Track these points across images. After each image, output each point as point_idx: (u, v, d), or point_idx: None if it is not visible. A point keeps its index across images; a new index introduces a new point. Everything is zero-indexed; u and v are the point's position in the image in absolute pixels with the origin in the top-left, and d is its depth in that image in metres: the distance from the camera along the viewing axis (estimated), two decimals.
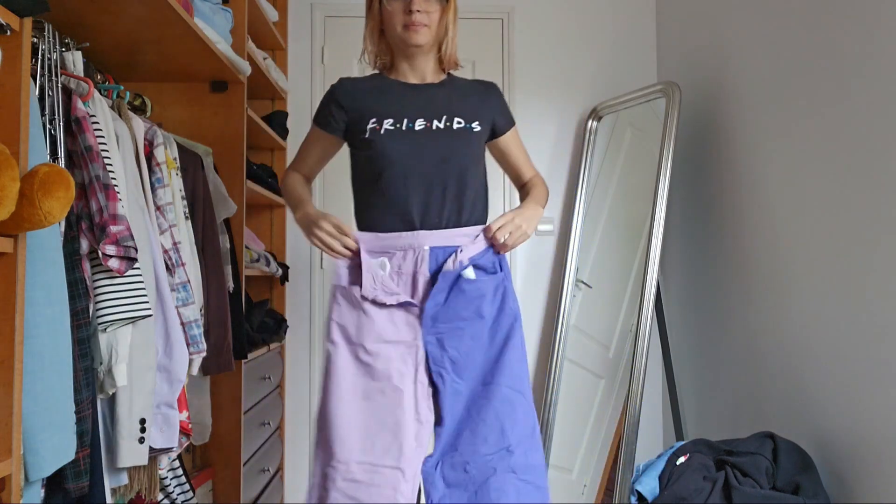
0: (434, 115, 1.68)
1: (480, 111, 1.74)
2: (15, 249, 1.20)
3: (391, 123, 1.67)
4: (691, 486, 1.98)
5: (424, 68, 1.75)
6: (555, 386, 3.02)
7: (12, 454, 1.18)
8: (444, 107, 1.70)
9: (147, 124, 1.85)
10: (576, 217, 3.13)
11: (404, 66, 1.75)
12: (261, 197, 2.79)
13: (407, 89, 1.73)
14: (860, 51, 1.92)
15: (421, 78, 1.75)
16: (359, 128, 1.70)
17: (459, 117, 1.69)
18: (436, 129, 1.67)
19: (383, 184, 1.66)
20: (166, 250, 1.80)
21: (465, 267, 1.65)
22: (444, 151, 1.67)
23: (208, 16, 2.10)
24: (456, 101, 1.72)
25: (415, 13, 1.64)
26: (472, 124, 1.70)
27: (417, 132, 1.66)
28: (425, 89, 1.73)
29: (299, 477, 3.15)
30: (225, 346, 2.09)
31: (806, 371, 2.15)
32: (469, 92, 1.76)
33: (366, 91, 1.74)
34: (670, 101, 2.73)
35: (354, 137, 1.73)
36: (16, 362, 1.19)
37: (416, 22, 1.65)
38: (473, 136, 1.70)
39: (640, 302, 2.61)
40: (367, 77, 1.80)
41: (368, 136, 1.67)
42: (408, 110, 1.68)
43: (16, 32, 1.22)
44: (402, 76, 1.76)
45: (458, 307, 1.64)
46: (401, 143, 1.65)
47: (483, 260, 1.68)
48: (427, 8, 1.65)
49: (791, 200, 2.23)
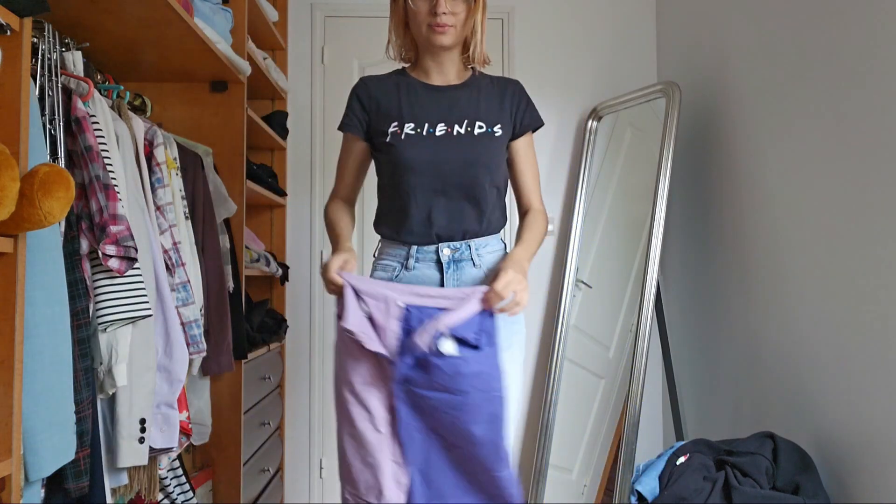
0: (455, 121, 1.66)
1: (502, 113, 1.71)
2: (15, 249, 1.20)
3: (412, 128, 1.65)
4: (691, 486, 1.98)
5: (449, 67, 1.72)
6: (555, 386, 3.02)
7: (12, 454, 1.18)
8: (466, 111, 1.68)
9: (147, 124, 1.85)
10: (576, 217, 3.13)
11: (429, 63, 1.72)
12: (261, 197, 2.79)
13: (429, 92, 1.71)
14: (860, 51, 1.92)
15: (444, 78, 1.73)
16: (380, 129, 1.68)
17: (481, 121, 1.67)
18: (457, 135, 1.65)
19: (403, 190, 1.66)
20: (166, 250, 1.80)
21: (439, 337, 1.48)
22: (465, 157, 1.65)
23: (208, 16, 2.10)
24: (478, 103, 1.70)
25: (440, 15, 1.60)
26: (493, 128, 1.68)
27: (438, 138, 1.65)
28: (448, 92, 1.71)
29: (299, 477, 3.15)
30: (225, 346, 2.09)
31: (806, 371, 2.14)
32: (492, 93, 1.73)
33: (388, 91, 1.71)
34: (670, 101, 2.73)
35: (376, 139, 1.71)
36: (16, 362, 1.19)
37: (441, 23, 1.61)
38: (495, 140, 1.68)
39: (640, 302, 2.61)
40: (389, 75, 1.77)
41: (389, 139, 1.66)
42: (429, 115, 1.66)
43: (16, 32, 1.22)
44: (426, 75, 1.73)
45: (433, 379, 1.49)
46: (421, 149, 1.64)
47: (463, 329, 1.50)
48: (454, 9, 1.62)
49: (791, 200, 2.23)
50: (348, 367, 1.57)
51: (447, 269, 1.65)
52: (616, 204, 3.09)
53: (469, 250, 1.67)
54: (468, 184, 1.65)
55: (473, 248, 1.67)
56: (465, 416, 1.51)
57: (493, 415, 1.52)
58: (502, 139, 1.70)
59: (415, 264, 1.66)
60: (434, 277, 1.66)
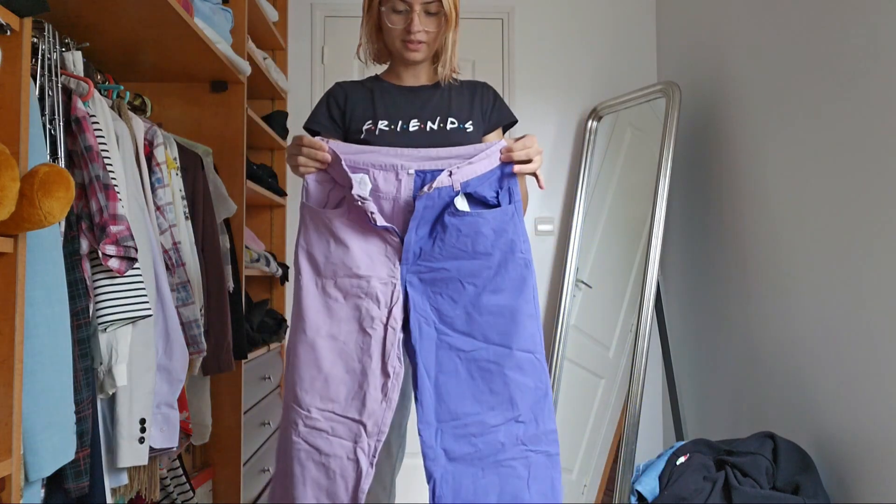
0: (428, 117, 1.69)
1: (473, 112, 1.74)
2: (15, 249, 1.20)
3: (386, 125, 1.68)
4: (691, 486, 1.98)
5: (421, 72, 1.76)
6: (555, 386, 3.02)
7: (12, 454, 1.18)
8: (438, 108, 1.71)
9: (147, 124, 1.85)
10: (576, 217, 3.13)
11: (401, 69, 1.76)
12: (261, 197, 2.79)
13: (402, 92, 1.74)
14: (860, 50, 1.92)
15: (416, 80, 1.76)
16: (355, 128, 1.71)
17: (453, 118, 1.70)
18: (430, 131, 1.68)
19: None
20: (166, 250, 1.80)
21: (455, 195, 1.44)
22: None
23: (208, 16, 2.10)
24: (450, 102, 1.73)
25: (414, 32, 1.64)
26: (465, 124, 1.70)
27: (412, 133, 1.67)
28: (420, 91, 1.74)
29: None
30: (225, 346, 2.09)
31: (806, 371, 2.14)
32: (462, 93, 1.76)
33: (362, 93, 1.74)
34: (670, 101, 2.73)
35: (350, 138, 1.73)
36: (16, 362, 1.19)
37: (414, 41, 1.65)
38: (467, 135, 1.70)
39: (640, 302, 2.61)
40: (363, 80, 1.81)
41: (364, 136, 1.68)
42: (402, 112, 1.69)
43: (16, 32, 1.22)
44: (398, 78, 1.77)
45: (449, 244, 1.44)
46: (395, 143, 1.65)
47: (482, 187, 1.47)
48: (427, 27, 1.65)
49: (791, 200, 2.23)
50: (331, 257, 1.47)
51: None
52: (616, 204, 3.09)
53: None
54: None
55: None
56: (490, 285, 1.44)
57: (521, 279, 1.44)
58: (474, 135, 1.72)
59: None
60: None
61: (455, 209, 1.45)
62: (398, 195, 1.48)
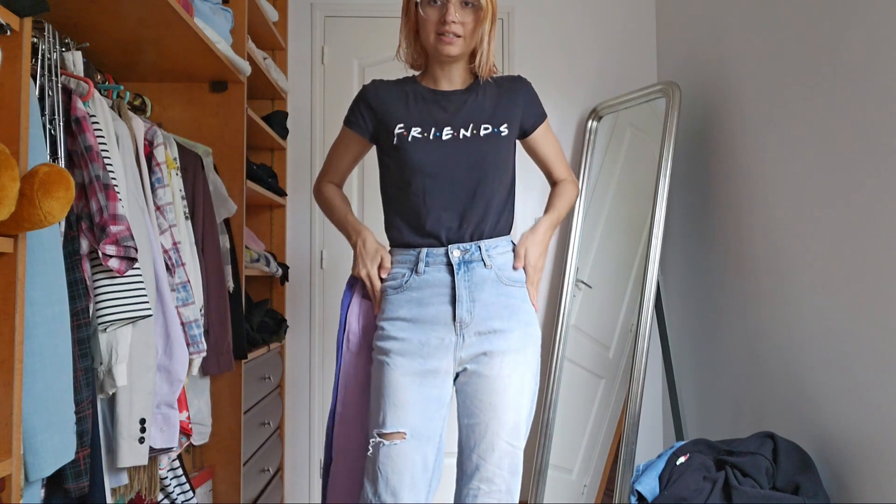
0: (462, 124, 1.68)
1: (508, 113, 1.72)
2: (15, 249, 1.20)
3: (419, 132, 1.67)
4: (691, 486, 1.98)
5: (456, 75, 1.74)
6: (555, 386, 3.02)
7: (12, 454, 1.18)
8: (472, 114, 1.69)
9: (147, 124, 1.85)
10: (576, 217, 3.13)
11: (437, 71, 1.74)
12: (261, 197, 2.79)
13: (436, 96, 1.72)
14: (860, 50, 1.92)
15: (451, 85, 1.74)
16: (386, 130, 1.70)
17: (487, 123, 1.69)
18: (463, 138, 1.67)
19: (412, 193, 1.66)
20: (166, 250, 1.80)
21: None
22: (471, 160, 1.66)
23: (208, 16, 2.10)
24: (483, 105, 1.71)
25: (449, 24, 1.62)
26: (499, 128, 1.69)
27: (445, 142, 1.66)
28: (454, 96, 1.72)
29: (299, 477, 3.15)
30: (225, 346, 2.09)
31: (806, 371, 2.14)
32: (497, 93, 1.74)
33: (395, 95, 1.73)
34: (670, 101, 2.73)
35: (382, 141, 1.73)
36: (16, 362, 1.19)
37: (449, 32, 1.63)
38: (501, 139, 1.69)
39: (640, 302, 2.61)
40: (398, 80, 1.79)
41: (396, 141, 1.67)
42: (436, 119, 1.68)
43: (16, 32, 1.22)
44: (434, 82, 1.75)
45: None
46: (428, 152, 1.65)
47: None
48: (462, 18, 1.63)
49: (791, 200, 2.23)
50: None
51: (458, 271, 1.65)
52: (616, 204, 3.09)
53: (479, 251, 1.67)
54: (477, 185, 1.66)
55: (484, 249, 1.67)
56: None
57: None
58: (509, 137, 1.72)
59: (425, 268, 1.67)
60: (445, 280, 1.66)
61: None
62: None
